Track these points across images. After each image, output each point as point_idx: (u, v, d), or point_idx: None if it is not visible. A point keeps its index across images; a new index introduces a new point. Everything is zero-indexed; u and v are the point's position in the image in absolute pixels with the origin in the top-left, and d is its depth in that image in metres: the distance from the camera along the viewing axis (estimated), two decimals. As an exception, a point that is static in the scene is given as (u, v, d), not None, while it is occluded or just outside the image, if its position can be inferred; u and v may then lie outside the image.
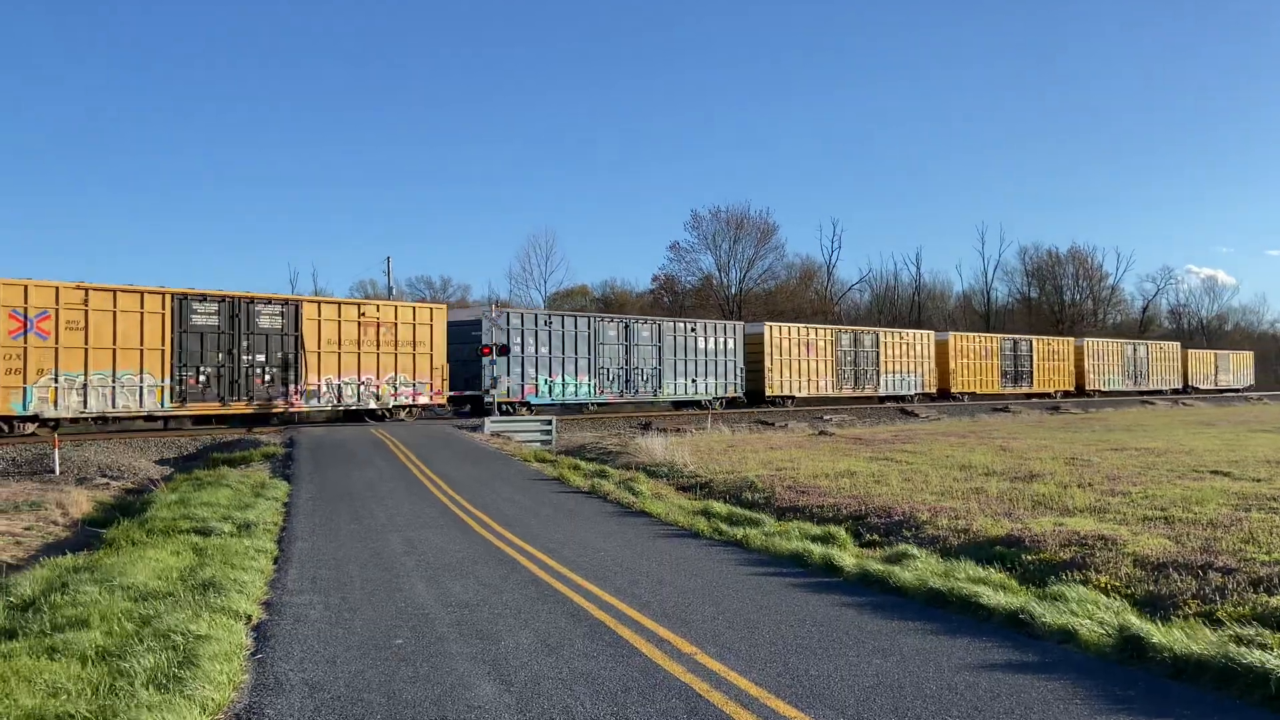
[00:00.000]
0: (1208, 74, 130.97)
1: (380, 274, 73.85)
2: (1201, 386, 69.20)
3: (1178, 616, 7.30)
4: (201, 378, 26.88)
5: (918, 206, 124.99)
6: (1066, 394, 59.98)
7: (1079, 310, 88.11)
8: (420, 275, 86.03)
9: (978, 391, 54.36)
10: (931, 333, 54.56)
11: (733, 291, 74.87)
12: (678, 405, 41.04)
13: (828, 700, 5.62)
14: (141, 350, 25.54)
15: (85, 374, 24.57)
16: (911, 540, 10.98)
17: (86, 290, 24.72)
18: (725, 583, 9.02)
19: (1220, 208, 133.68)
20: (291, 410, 29.29)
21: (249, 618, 7.58)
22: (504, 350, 33.24)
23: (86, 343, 24.57)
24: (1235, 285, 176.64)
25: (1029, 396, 57.26)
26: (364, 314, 30.95)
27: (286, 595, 8.45)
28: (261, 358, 28.19)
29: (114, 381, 25.04)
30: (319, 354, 29.55)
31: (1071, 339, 63.59)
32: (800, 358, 44.98)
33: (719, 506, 13.82)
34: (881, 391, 48.79)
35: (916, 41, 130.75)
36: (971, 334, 58.68)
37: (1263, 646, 6.09)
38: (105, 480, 19.38)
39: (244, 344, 27.77)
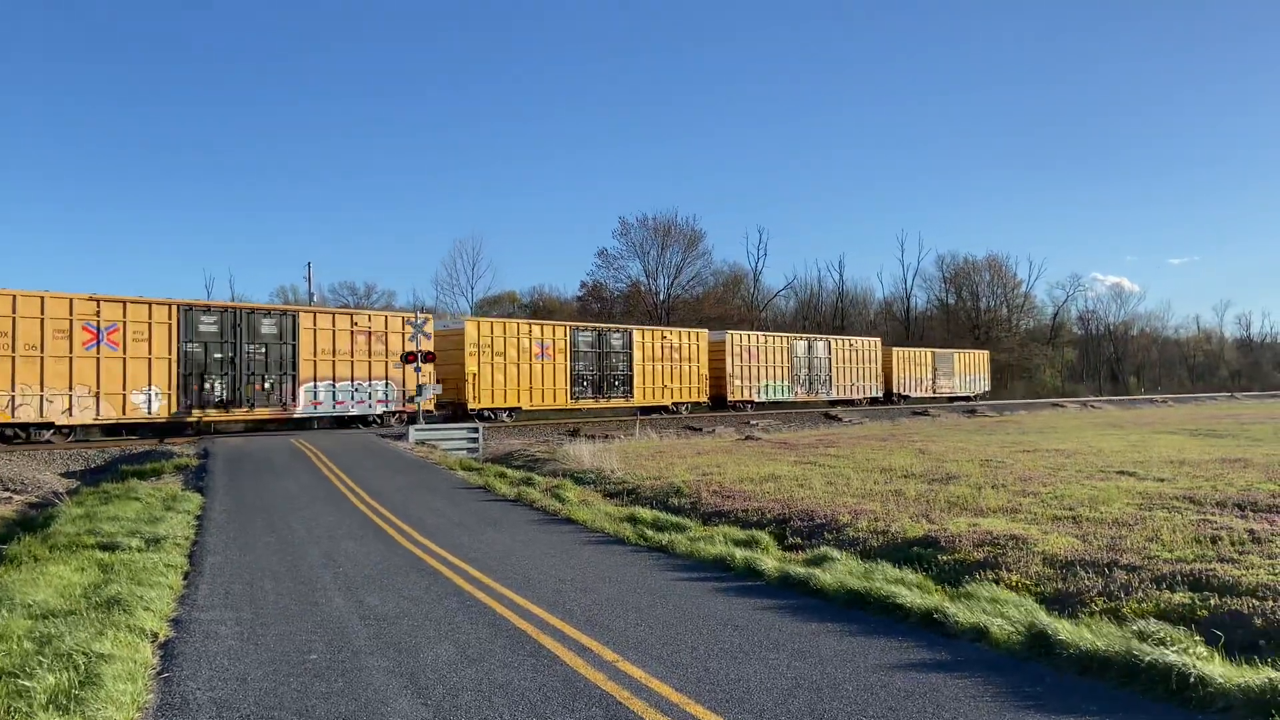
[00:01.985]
0: (1118, 84, 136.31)
1: (301, 280, 72.23)
2: (914, 394, 57.76)
3: (1085, 614, 7.54)
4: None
5: (841, 214, 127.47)
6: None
7: (994, 316, 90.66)
8: (343, 281, 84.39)
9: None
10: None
11: (661, 298, 75.25)
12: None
13: (746, 703, 5.66)
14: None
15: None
16: (833, 543, 11.14)
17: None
18: (649, 589, 9.03)
19: (1125, 217, 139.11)
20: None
21: (155, 635, 7.32)
22: (430, 357, 32.80)
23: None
24: (1140, 292, 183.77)
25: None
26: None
27: (196, 611, 8.19)
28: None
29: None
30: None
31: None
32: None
33: (645, 512, 13.83)
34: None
35: (838, 51, 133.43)
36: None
37: (1164, 643, 6.32)
38: (7, 494, 18.56)
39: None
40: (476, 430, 29.16)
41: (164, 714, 5.55)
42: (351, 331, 31.69)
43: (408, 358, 32.17)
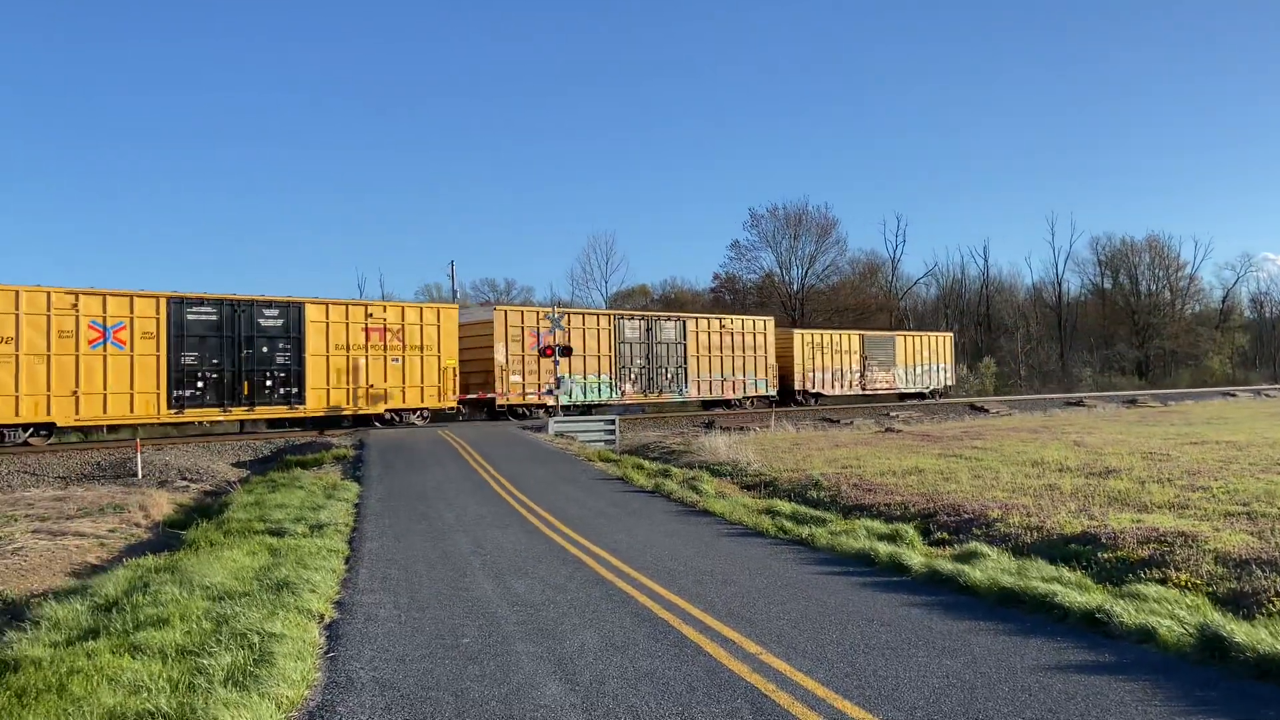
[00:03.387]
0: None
1: (445, 278, 74.79)
2: (831, 389, 44.93)
3: (1262, 615, 7.04)
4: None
5: (985, 196, 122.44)
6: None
7: (1155, 301, 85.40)
8: (484, 278, 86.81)
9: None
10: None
11: (795, 289, 74.25)
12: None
13: (896, 701, 5.54)
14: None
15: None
16: (982, 538, 10.77)
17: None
18: (789, 582, 8.95)
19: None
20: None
21: (321, 617, 7.75)
22: (567, 351, 33.45)
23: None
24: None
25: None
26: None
27: (357, 594, 8.61)
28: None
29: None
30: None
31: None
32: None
33: (784, 505, 13.72)
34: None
35: (978, 31, 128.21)
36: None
37: (1355, 648, 5.83)
38: (185, 483, 19.99)
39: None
40: (613, 422, 29.55)
41: (331, 692, 5.86)
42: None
43: (545, 351, 32.87)
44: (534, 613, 7.79)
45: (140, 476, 20.43)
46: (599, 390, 35.78)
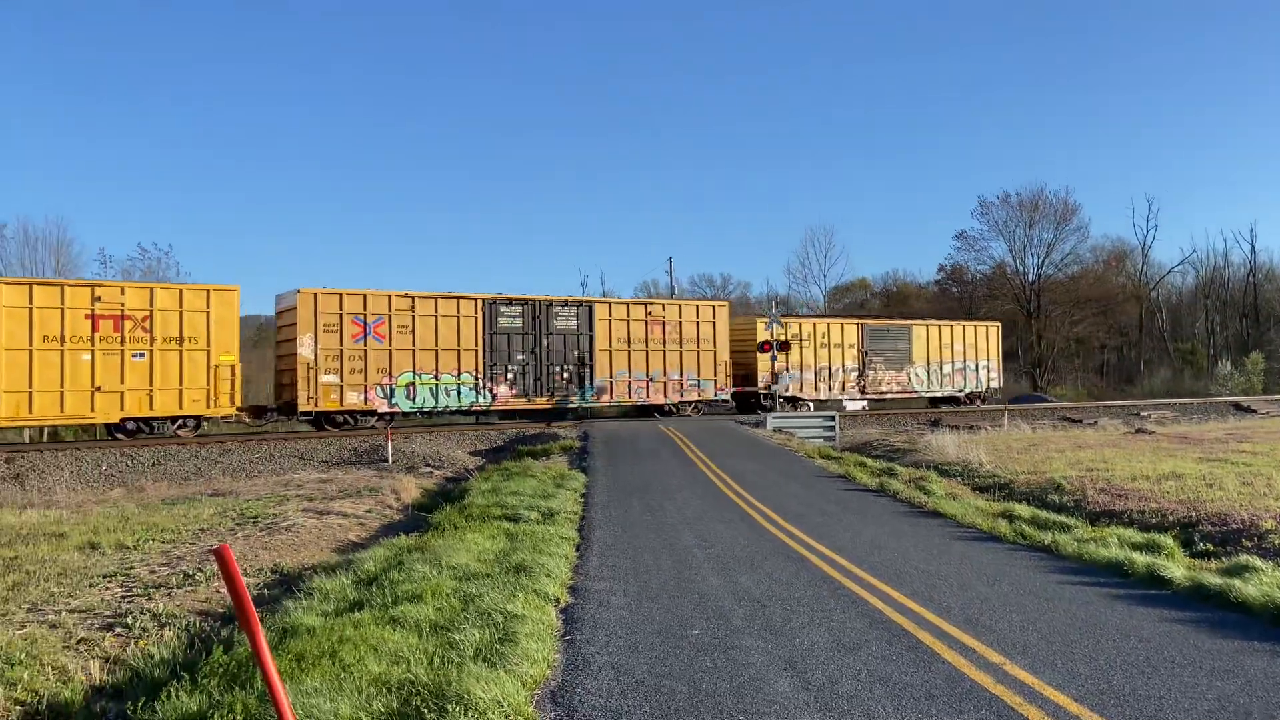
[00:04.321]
0: None
1: (663, 274, 76.19)
2: (812, 395, 36.10)
3: None
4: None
5: (1252, 175, 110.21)
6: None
7: None
8: (701, 274, 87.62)
9: None
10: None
11: (1029, 279, 69.92)
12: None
13: (1161, 725, 5.10)
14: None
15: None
16: (1253, 551, 9.74)
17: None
18: (1033, 590, 8.45)
19: None
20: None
21: (557, 600, 8.09)
22: (784, 346, 33.19)
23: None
24: None
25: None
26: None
27: (589, 581, 8.92)
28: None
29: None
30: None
31: None
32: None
33: (1021, 509, 12.97)
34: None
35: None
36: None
37: None
38: (429, 469, 21.47)
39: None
40: (833, 419, 29.04)
41: (570, 673, 6.11)
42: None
43: (763, 346, 32.76)
44: (761, 608, 7.77)
45: (390, 462, 22.13)
46: (457, 393, 28.31)
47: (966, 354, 39.94)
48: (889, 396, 38.27)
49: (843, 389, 36.72)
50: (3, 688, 6.31)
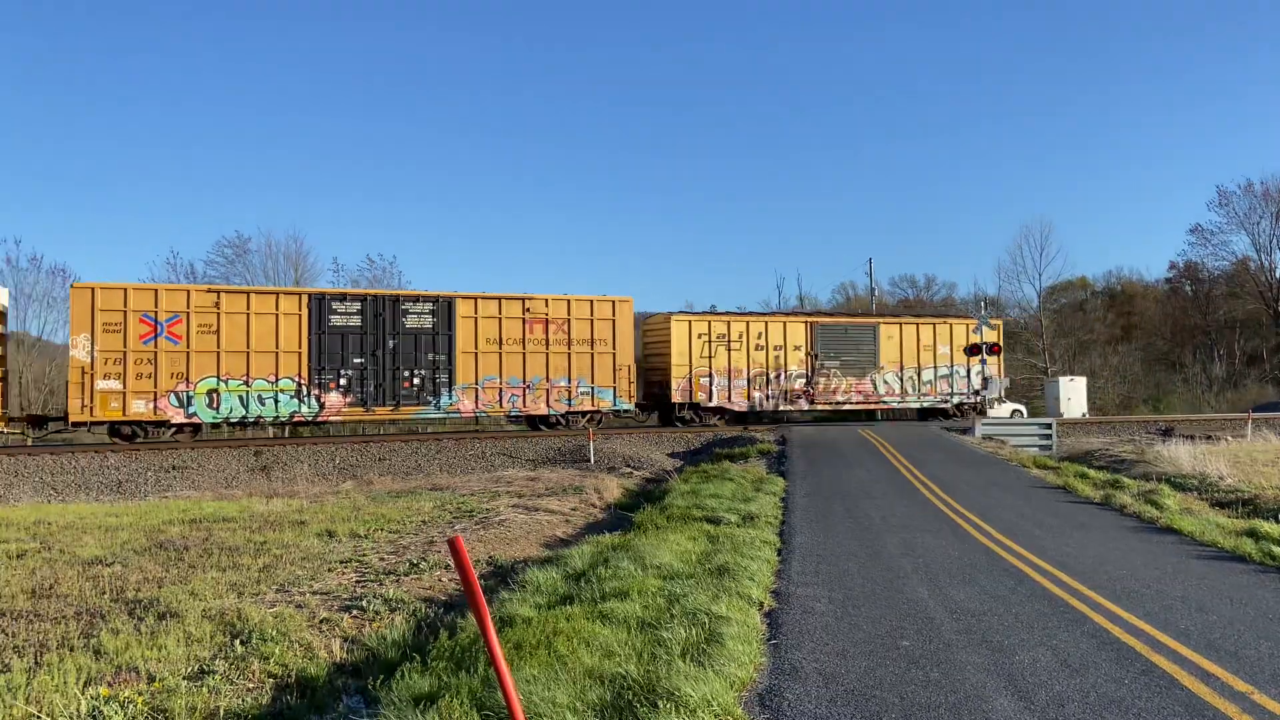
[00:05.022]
0: None
1: (862, 275, 74.43)
2: (743, 404, 31.06)
3: None
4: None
5: None
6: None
7: None
8: (903, 275, 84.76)
9: None
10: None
11: (1278, 276, 63.27)
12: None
13: None
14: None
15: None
16: None
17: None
18: (1287, 617, 7.65)
19: None
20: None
21: (761, 604, 8.07)
22: (993, 349, 31.64)
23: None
24: None
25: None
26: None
27: (792, 586, 8.85)
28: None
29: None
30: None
31: None
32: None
33: (1269, 527, 11.77)
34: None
35: None
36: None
37: None
38: (628, 469, 21.97)
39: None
40: (1049, 426, 27.45)
41: (777, 677, 6.08)
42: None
43: (972, 350, 31.36)
44: (975, 622, 7.45)
45: (592, 462, 22.82)
46: (274, 401, 25.17)
47: (955, 357, 33.52)
48: (848, 407, 33.08)
49: (785, 398, 31.46)
50: (258, 661, 6.98)
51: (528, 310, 27.62)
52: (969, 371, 32.99)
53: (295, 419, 25.67)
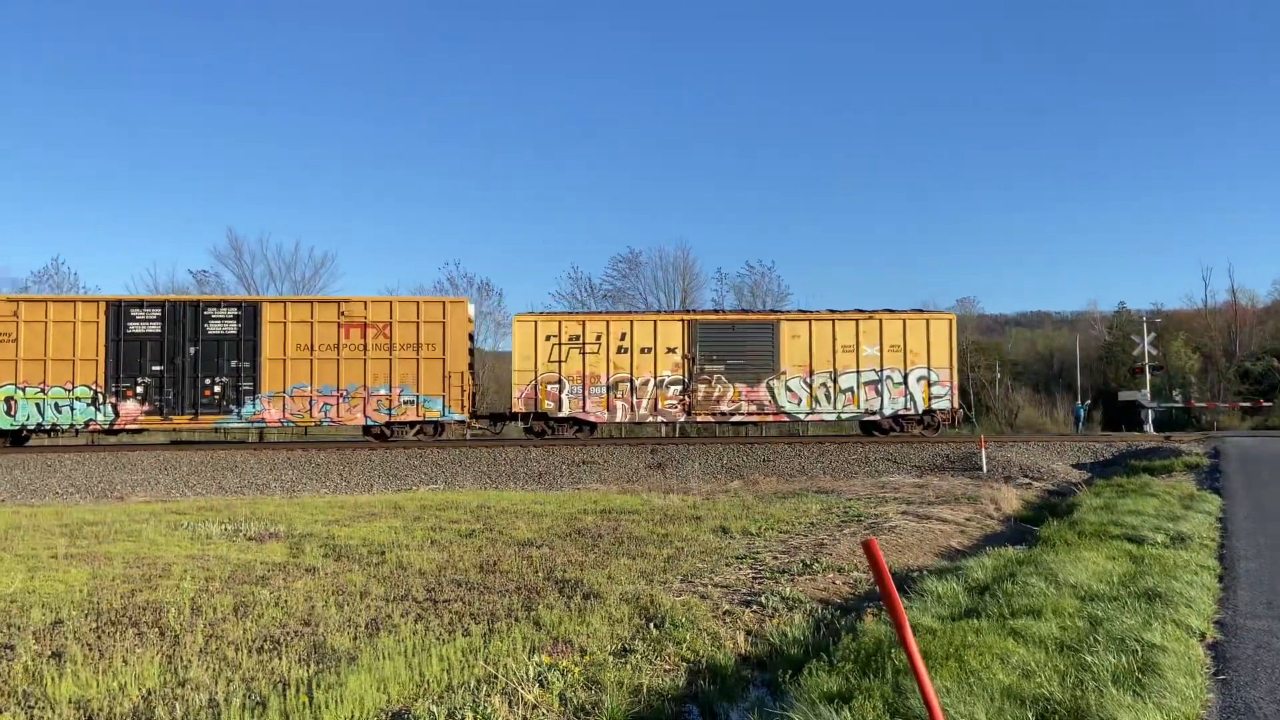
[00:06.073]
0: None
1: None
2: (602, 414, 26.63)
3: None
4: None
5: None
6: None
7: None
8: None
9: None
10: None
11: None
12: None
13: None
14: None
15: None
16: None
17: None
18: None
19: None
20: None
21: (1203, 635, 7.15)
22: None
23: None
24: None
25: None
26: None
27: (1240, 617, 7.73)
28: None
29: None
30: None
31: None
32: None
33: None
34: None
35: None
36: None
37: None
38: (1027, 480, 20.54)
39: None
40: None
41: (1229, 715, 5.35)
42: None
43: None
44: None
45: (985, 471, 21.61)
46: (70, 409, 25.48)
47: (886, 359, 27.50)
48: (737, 419, 27.90)
49: (655, 407, 27.23)
50: (671, 645, 7.45)
51: (343, 314, 26.58)
52: (909, 377, 27.60)
53: (91, 427, 25.90)
